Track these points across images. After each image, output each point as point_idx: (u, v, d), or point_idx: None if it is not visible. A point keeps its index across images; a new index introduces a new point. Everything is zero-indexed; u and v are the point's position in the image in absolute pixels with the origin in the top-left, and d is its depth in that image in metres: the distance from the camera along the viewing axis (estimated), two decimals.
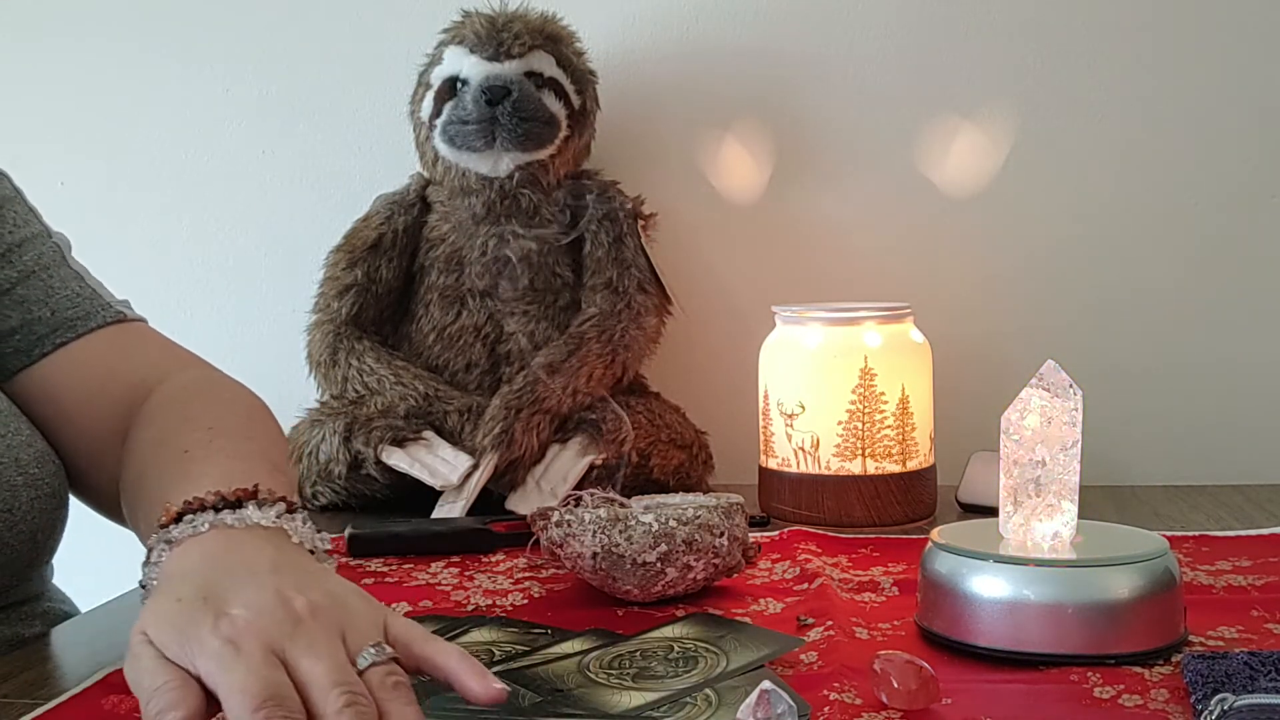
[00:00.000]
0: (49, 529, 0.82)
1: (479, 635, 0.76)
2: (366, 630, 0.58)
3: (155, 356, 0.87)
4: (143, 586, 0.65)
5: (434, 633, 0.62)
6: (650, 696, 0.64)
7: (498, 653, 0.72)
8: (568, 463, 1.16)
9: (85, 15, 1.43)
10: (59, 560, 0.90)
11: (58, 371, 0.84)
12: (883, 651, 0.67)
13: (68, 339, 0.85)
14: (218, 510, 0.65)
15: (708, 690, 0.64)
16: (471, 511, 1.13)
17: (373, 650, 0.57)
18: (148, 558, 0.65)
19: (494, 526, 1.05)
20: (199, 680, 0.55)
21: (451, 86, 1.23)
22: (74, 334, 0.85)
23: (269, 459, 0.75)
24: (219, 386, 0.86)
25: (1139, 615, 0.71)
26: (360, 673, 0.56)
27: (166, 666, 0.56)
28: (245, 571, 0.61)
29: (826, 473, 1.11)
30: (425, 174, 1.29)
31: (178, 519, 0.65)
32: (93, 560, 1.00)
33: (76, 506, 0.88)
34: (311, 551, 0.66)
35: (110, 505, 0.85)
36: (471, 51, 1.22)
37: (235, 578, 0.60)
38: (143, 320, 0.91)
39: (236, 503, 0.66)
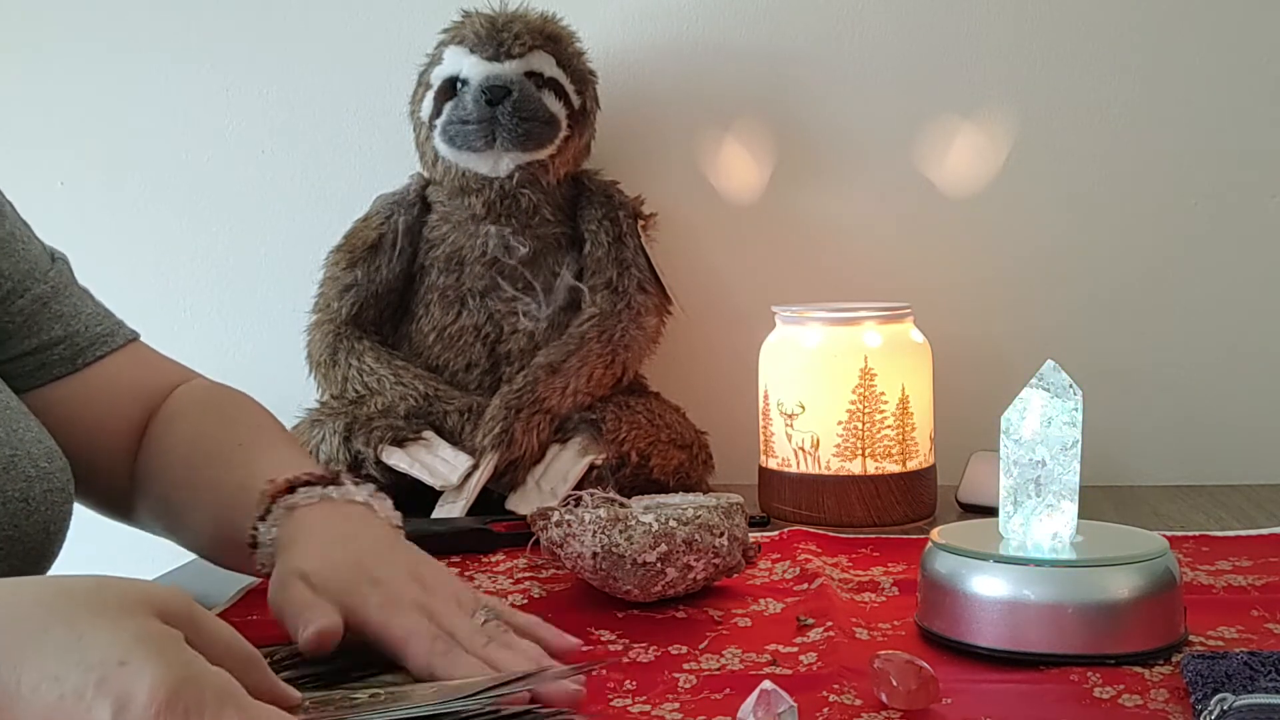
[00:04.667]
0: (59, 522, 0.84)
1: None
2: (467, 596, 0.72)
3: (163, 370, 0.95)
4: (253, 543, 0.76)
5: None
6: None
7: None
8: (568, 463, 1.16)
9: (85, 15, 1.43)
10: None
11: (91, 383, 0.90)
12: (882, 651, 0.67)
13: (104, 353, 0.90)
14: (324, 485, 0.77)
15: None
16: (471, 511, 1.13)
17: (484, 611, 0.71)
18: (263, 517, 0.76)
19: (494, 526, 1.05)
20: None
21: (451, 86, 1.23)
22: (107, 349, 0.90)
23: (306, 451, 0.87)
24: (232, 392, 0.94)
25: (1139, 615, 0.71)
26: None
27: (319, 598, 0.67)
28: (382, 544, 0.75)
29: (826, 473, 1.11)
30: (425, 174, 1.29)
31: (290, 490, 0.76)
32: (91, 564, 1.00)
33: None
34: (392, 525, 0.79)
35: (116, 503, 0.92)
36: (471, 51, 1.22)
37: (376, 550, 0.74)
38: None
39: (335, 480, 0.78)
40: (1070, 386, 0.74)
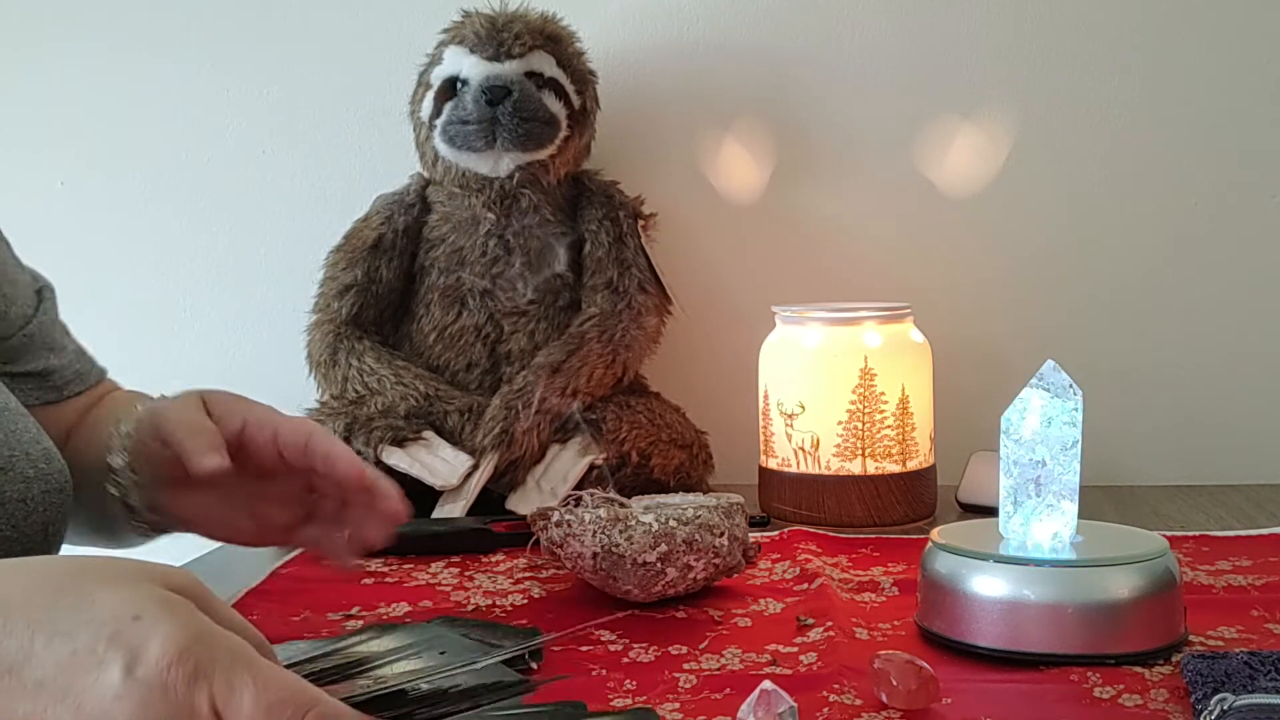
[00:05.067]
0: (58, 523, 0.84)
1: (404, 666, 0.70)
2: None
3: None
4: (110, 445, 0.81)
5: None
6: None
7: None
8: (568, 463, 1.16)
9: (84, 15, 1.43)
10: None
11: (64, 418, 0.90)
12: (883, 651, 0.67)
13: (82, 389, 0.91)
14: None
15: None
16: (472, 511, 1.13)
17: None
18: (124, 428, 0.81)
19: (494, 526, 1.05)
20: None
21: (451, 86, 1.23)
22: (84, 386, 0.92)
23: None
24: (141, 394, 0.94)
25: (1139, 615, 0.71)
26: None
27: (213, 426, 0.76)
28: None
29: (826, 473, 1.11)
30: (425, 174, 1.29)
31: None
32: None
33: None
34: None
35: None
36: (472, 51, 1.22)
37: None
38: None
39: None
40: (1070, 386, 0.74)
